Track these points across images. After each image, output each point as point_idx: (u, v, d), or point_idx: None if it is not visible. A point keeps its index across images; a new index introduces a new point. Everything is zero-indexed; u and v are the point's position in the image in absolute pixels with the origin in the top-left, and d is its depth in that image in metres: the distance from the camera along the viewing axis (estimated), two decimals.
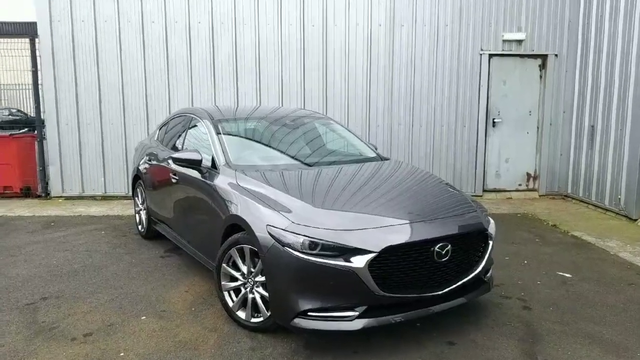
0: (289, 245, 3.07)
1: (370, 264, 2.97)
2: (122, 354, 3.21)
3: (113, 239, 5.89)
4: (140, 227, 6.01)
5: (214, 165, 4.16)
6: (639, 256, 5.10)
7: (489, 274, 3.68)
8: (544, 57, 7.99)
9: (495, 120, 8.11)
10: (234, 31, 7.77)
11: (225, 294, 3.63)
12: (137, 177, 6.03)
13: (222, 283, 3.63)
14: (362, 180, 3.93)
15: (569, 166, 8.01)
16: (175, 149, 5.09)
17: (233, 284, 3.58)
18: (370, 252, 2.97)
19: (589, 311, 3.81)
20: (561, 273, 4.65)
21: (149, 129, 7.88)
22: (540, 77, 8.08)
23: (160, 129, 5.92)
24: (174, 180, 4.73)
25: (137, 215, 6.12)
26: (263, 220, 3.26)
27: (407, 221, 3.20)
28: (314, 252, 3.02)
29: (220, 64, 7.83)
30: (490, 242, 3.50)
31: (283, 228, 3.12)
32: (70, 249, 5.46)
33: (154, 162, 5.40)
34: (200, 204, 4.21)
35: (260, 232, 3.22)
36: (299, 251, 3.03)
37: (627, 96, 6.61)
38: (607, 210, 7.03)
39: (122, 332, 3.52)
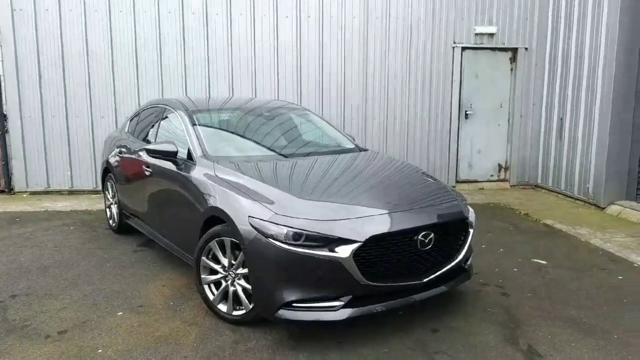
0: (272, 237, 3.01)
1: (355, 254, 2.95)
2: (100, 351, 3.10)
3: (83, 234, 5.69)
4: (111, 221, 5.83)
5: (190, 157, 4.05)
6: (609, 242, 5.25)
7: (469, 262, 3.71)
8: (514, 50, 8.14)
9: (467, 113, 8.22)
10: (205, 26, 7.60)
11: (206, 287, 3.55)
12: (107, 171, 5.84)
13: (202, 276, 3.55)
14: (342, 170, 3.91)
15: (539, 157, 8.19)
16: (147, 141, 4.95)
17: (213, 277, 3.51)
18: (355, 241, 2.95)
19: (565, 296, 3.90)
20: (536, 260, 4.74)
21: (117, 122, 7.64)
22: (511, 70, 8.22)
23: (130, 121, 5.74)
24: (147, 173, 4.60)
25: (107, 209, 5.93)
26: (244, 212, 3.20)
27: (390, 210, 3.19)
28: (298, 242, 2.97)
29: (191, 60, 7.65)
30: (471, 231, 3.53)
31: (266, 219, 3.06)
32: (38, 244, 5.25)
33: (126, 155, 5.23)
34: (176, 196, 4.10)
35: (242, 224, 3.16)
36: (282, 242, 2.98)
37: (595, 90, 6.80)
38: (576, 199, 7.23)
39: (99, 328, 3.40)
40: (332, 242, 2.96)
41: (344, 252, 2.93)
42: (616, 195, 6.60)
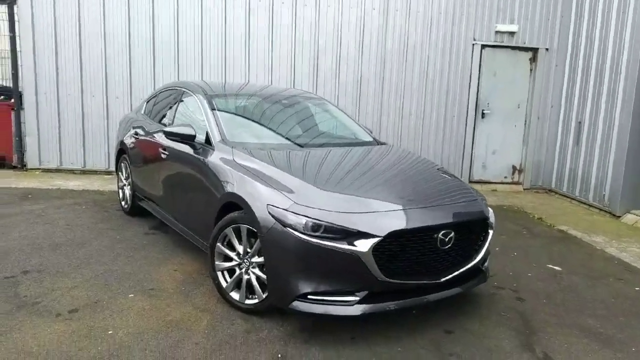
0: (290, 226, 2.97)
1: (374, 249, 2.90)
2: (110, 332, 3.08)
3: (95, 214, 5.68)
4: (123, 202, 5.81)
5: (208, 141, 4.01)
6: (625, 252, 5.17)
7: (486, 264, 3.65)
8: (534, 51, 8.01)
9: (484, 112, 8.12)
10: (223, 18, 7.53)
11: (219, 274, 3.51)
12: (121, 152, 5.82)
13: (216, 263, 3.51)
14: (363, 163, 3.85)
15: (554, 161, 8.09)
16: (164, 123, 4.91)
17: (227, 264, 3.47)
18: (374, 236, 2.90)
19: (581, 304, 3.83)
20: (551, 266, 4.68)
21: (132, 103, 7.61)
22: (531, 70, 8.10)
23: (147, 102, 5.70)
24: (163, 156, 4.56)
25: (120, 190, 5.91)
26: (263, 200, 3.15)
27: (411, 206, 3.14)
28: (317, 233, 2.92)
29: (209, 42, 7.59)
30: (491, 232, 3.47)
31: (285, 208, 3.02)
32: (50, 222, 5.24)
33: (142, 137, 5.20)
34: (192, 180, 4.06)
35: (260, 212, 3.11)
36: (301, 232, 2.93)
37: (616, 94, 6.68)
38: (590, 205, 7.13)
39: (110, 309, 3.38)
40: (352, 235, 2.91)
41: (363, 246, 2.88)
42: (633, 204, 6.50)
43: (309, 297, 2.97)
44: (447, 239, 3.11)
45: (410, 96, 7.92)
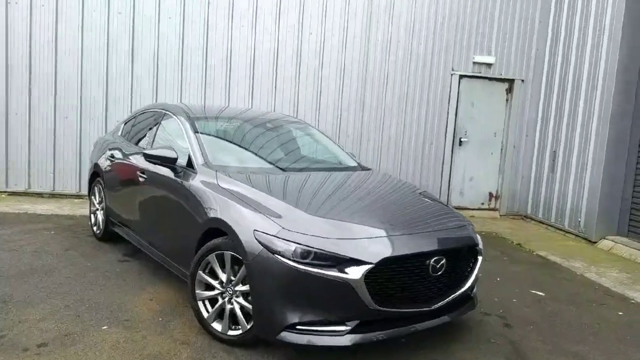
0: (278, 253, 2.85)
1: (366, 276, 2.81)
2: None
3: (64, 240, 5.42)
4: (95, 228, 5.58)
5: (190, 164, 3.88)
6: (604, 277, 5.22)
7: (474, 290, 3.60)
8: (510, 82, 8.22)
9: (462, 140, 8.23)
10: (206, 30, 7.49)
11: (200, 303, 3.35)
12: (95, 175, 5.62)
13: (197, 292, 3.35)
14: (350, 188, 3.78)
15: (530, 188, 8.22)
16: (142, 146, 4.76)
17: (209, 293, 3.31)
18: (367, 263, 2.81)
19: (568, 331, 3.80)
20: (534, 291, 4.66)
21: (107, 125, 7.42)
22: (507, 100, 8.29)
23: (125, 124, 5.55)
24: (141, 179, 4.40)
25: (92, 215, 5.68)
26: (249, 225, 3.03)
27: (403, 233, 3.07)
28: (306, 261, 2.82)
29: (190, 59, 7.52)
30: (480, 258, 3.42)
31: (273, 234, 2.91)
32: (17, 249, 4.97)
33: (119, 159, 5.03)
34: (173, 205, 3.91)
35: (247, 238, 2.99)
36: (289, 259, 2.82)
37: (590, 125, 6.86)
38: (566, 232, 7.23)
39: (82, 343, 3.16)
40: (343, 262, 2.82)
41: (355, 273, 2.78)
42: (608, 231, 6.61)
43: (297, 327, 2.84)
44: (438, 266, 3.05)
45: (389, 123, 7.97)
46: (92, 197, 5.67)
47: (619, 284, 5.01)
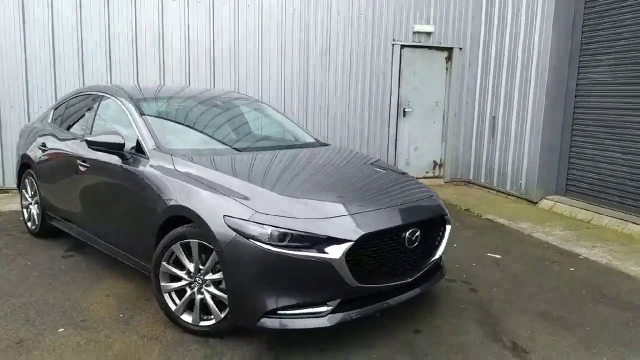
0: (253, 238, 2.71)
1: (346, 254, 2.73)
2: None
3: None
4: (29, 223, 5.11)
5: (139, 149, 3.60)
6: (551, 235, 5.50)
7: (442, 260, 3.64)
8: (449, 50, 8.35)
9: (405, 110, 8.30)
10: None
11: (166, 295, 3.15)
12: (24, 166, 5.12)
13: (162, 284, 3.14)
14: (315, 165, 3.67)
15: (471, 154, 8.47)
16: (76, 133, 4.38)
17: (176, 285, 3.11)
18: (346, 240, 2.73)
19: (529, 290, 3.96)
20: (491, 254, 4.82)
21: (29, 113, 6.78)
22: (447, 69, 8.43)
23: (55, 110, 5.07)
24: (82, 169, 4.04)
25: (24, 210, 5.20)
26: (218, 211, 2.85)
27: (378, 207, 3.01)
28: (283, 243, 2.70)
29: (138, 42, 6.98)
30: (448, 227, 3.45)
31: (246, 218, 2.75)
32: None
33: (53, 148, 4.59)
34: (122, 194, 3.63)
35: (216, 224, 2.81)
36: (265, 243, 2.69)
37: (528, 88, 7.12)
38: (508, 194, 7.55)
39: (39, 349, 2.88)
40: (321, 241, 2.72)
41: (335, 252, 2.69)
42: (547, 191, 6.97)
43: (278, 312, 2.73)
44: (413, 238, 3.03)
45: (334, 96, 7.88)
46: (24, 191, 5.17)
47: (565, 242, 5.29)
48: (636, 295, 3.89)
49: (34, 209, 5.00)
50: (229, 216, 2.79)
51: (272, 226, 2.70)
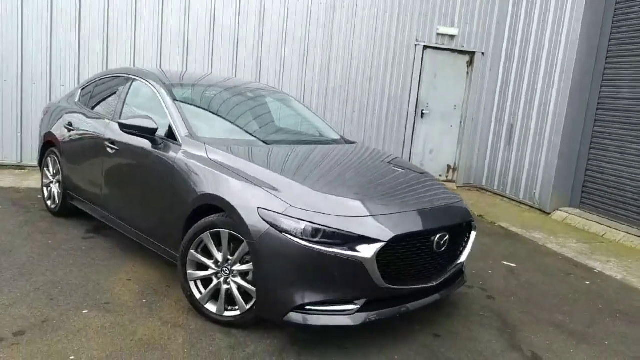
0: (287, 232, 2.73)
1: (377, 254, 2.75)
2: (72, 358, 2.64)
3: (15, 214, 4.97)
4: (50, 202, 5.14)
5: (171, 135, 3.62)
6: (565, 247, 5.51)
7: (464, 266, 3.65)
8: (472, 54, 8.33)
9: (423, 112, 8.30)
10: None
11: (192, 284, 3.17)
12: (48, 144, 5.14)
13: (189, 272, 3.16)
14: (346, 163, 3.69)
15: (486, 160, 8.47)
16: (105, 114, 4.40)
17: (202, 273, 3.14)
18: (378, 241, 2.75)
19: (546, 301, 3.98)
20: (506, 263, 4.84)
21: (52, 90, 6.80)
22: (467, 73, 8.41)
23: (83, 89, 5.09)
24: (110, 151, 4.06)
25: (45, 188, 5.23)
26: (253, 202, 2.87)
27: (410, 209, 3.03)
28: (315, 239, 2.72)
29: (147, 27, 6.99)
30: (474, 233, 3.46)
31: (281, 212, 2.77)
32: None
33: (79, 128, 4.61)
34: (152, 179, 3.65)
35: (250, 216, 2.83)
36: (299, 238, 2.71)
37: (549, 99, 7.11)
38: (521, 203, 7.55)
39: (64, 329, 2.91)
40: (353, 240, 2.74)
41: (366, 252, 2.71)
42: (561, 202, 6.97)
43: (306, 308, 2.76)
44: (442, 242, 3.05)
45: (353, 94, 7.88)
46: (45, 169, 5.20)
47: (579, 254, 5.30)
48: None
49: (55, 188, 5.03)
50: (263, 208, 2.81)
51: (307, 221, 2.72)
